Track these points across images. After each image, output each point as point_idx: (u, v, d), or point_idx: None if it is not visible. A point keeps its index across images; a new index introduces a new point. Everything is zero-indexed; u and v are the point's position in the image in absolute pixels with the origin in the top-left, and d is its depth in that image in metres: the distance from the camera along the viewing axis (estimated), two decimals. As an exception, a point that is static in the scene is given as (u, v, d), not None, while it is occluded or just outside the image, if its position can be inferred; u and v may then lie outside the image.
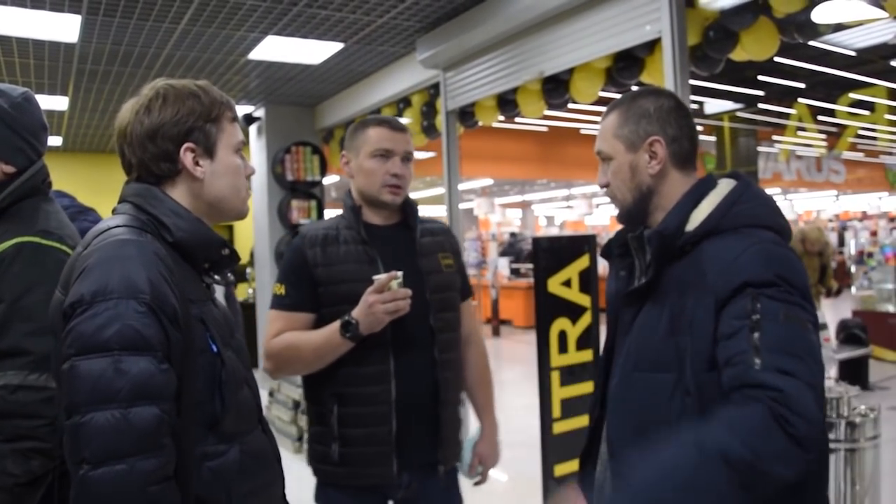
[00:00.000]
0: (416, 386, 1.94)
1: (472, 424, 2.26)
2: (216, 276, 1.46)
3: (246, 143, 1.62)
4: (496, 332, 12.13)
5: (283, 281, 2.00)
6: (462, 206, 5.62)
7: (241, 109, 7.28)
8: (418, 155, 7.74)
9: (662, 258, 1.42)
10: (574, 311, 3.43)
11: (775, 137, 11.71)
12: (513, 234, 18.57)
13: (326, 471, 1.98)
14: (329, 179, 10.45)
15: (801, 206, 25.85)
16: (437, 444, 1.98)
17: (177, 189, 1.38)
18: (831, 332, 5.89)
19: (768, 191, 1.47)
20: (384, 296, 1.81)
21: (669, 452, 1.23)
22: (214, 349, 1.32)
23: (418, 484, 1.99)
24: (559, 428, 3.38)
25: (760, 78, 7.62)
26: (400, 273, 1.85)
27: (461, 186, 5.26)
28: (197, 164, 1.37)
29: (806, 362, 1.21)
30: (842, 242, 17.88)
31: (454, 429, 2.05)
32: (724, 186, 1.48)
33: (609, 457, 1.49)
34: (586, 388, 3.42)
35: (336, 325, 1.86)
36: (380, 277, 1.84)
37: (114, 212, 1.39)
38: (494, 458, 2.20)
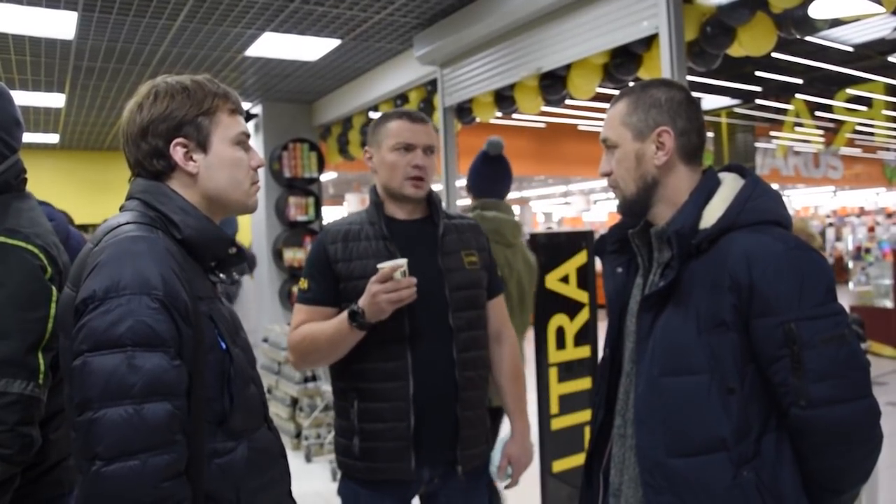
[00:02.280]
0: (435, 383, 1.93)
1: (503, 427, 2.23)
2: (222, 275, 1.46)
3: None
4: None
5: (306, 275, 2.02)
6: (460, 202, 5.61)
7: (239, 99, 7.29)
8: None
9: (684, 258, 1.41)
10: (572, 308, 3.43)
11: (773, 133, 11.73)
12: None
13: (348, 464, 1.99)
14: (326, 176, 10.43)
15: (799, 201, 25.85)
16: (455, 444, 1.96)
17: (175, 185, 1.38)
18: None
19: (766, 186, 1.48)
20: (387, 286, 1.80)
21: None
22: (223, 346, 1.32)
23: (440, 481, 1.98)
24: (557, 424, 3.38)
25: (758, 74, 7.62)
26: (404, 261, 1.83)
27: (459, 183, 5.25)
28: (190, 159, 1.37)
29: (848, 376, 1.31)
30: (839, 238, 17.89)
31: (474, 429, 2.01)
32: (733, 182, 1.48)
33: (640, 469, 1.46)
34: (584, 384, 3.42)
35: (345, 314, 1.87)
36: (383, 266, 1.82)
37: (121, 209, 1.38)
38: (525, 460, 2.16)
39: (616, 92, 1.58)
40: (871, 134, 12.33)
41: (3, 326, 1.49)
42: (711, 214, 1.42)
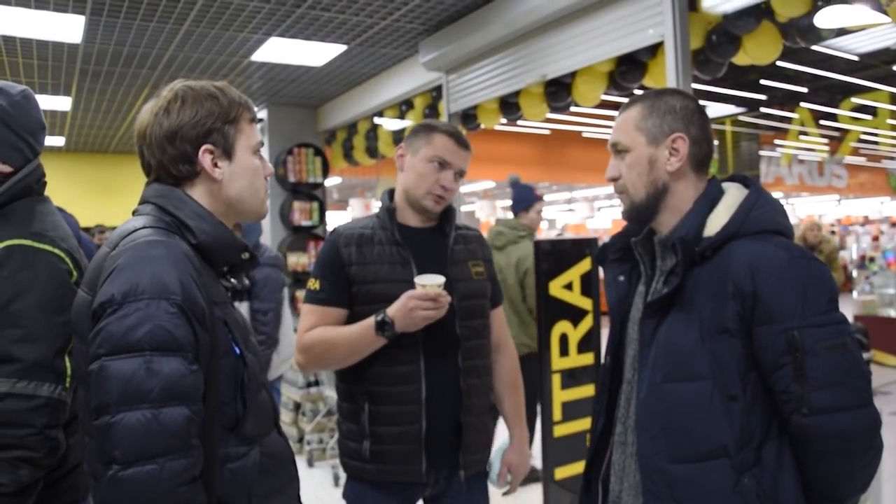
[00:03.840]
0: (443, 389, 1.96)
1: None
2: (233, 280, 1.47)
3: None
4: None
5: (318, 276, 2.01)
6: (464, 208, 5.62)
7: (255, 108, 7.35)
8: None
9: (687, 265, 1.41)
10: (575, 315, 3.42)
11: (777, 141, 11.70)
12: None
13: (356, 466, 2.00)
14: (331, 181, 10.45)
15: (803, 210, 25.81)
16: (458, 449, 1.99)
17: (196, 190, 1.38)
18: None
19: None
20: (426, 303, 1.83)
21: None
22: (237, 351, 1.32)
23: (444, 482, 2.01)
24: (559, 431, 3.37)
25: (763, 82, 7.62)
26: (442, 279, 1.87)
27: (463, 189, 5.27)
28: (216, 165, 1.37)
29: (850, 385, 1.32)
30: (843, 247, 17.86)
31: (477, 435, 2.04)
32: (736, 191, 1.48)
33: (641, 475, 1.46)
34: (587, 391, 3.42)
35: (370, 322, 1.88)
36: (424, 283, 1.84)
37: (135, 213, 1.39)
38: (524, 467, 2.19)
39: (621, 99, 1.58)
40: (876, 143, 12.30)
41: (32, 330, 1.50)
42: (715, 223, 1.43)
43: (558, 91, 4.46)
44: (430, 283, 1.85)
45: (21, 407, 1.46)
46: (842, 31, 3.68)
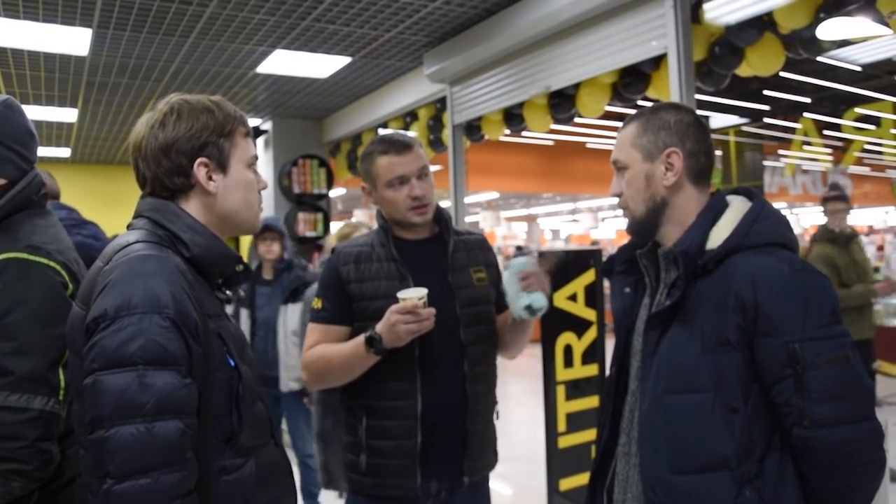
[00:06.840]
0: (444, 400, 1.96)
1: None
2: (228, 292, 1.48)
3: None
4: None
5: (320, 295, 2.05)
6: (468, 219, 5.63)
7: (249, 122, 7.37)
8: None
9: (690, 277, 1.42)
10: (580, 326, 3.43)
11: (781, 152, 11.71)
12: (518, 248, 18.50)
13: (355, 479, 2.02)
14: (335, 192, 10.48)
15: (807, 220, 25.78)
16: (463, 456, 1.99)
17: (190, 203, 1.39)
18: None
19: (774, 205, 1.50)
20: (406, 317, 1.83)
21: None
22: (232, 364, 1.33)
23: (446, 494, 2.01)
24: (564, 442, 3.37)
25: (766, 93, 7.63)
26: (424, 291, 1.86)
27: (467, 200, 5.28)
28: (210, 178, 1.39)
29: (852, 398, 1.32)
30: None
31: (482, 442, 2.05)
32: (740, 204, 1.49)
33: (643, 486, 1.46)
34: (592, 402, 3.42)
35: (361, 338, 1.90)
36: (404, 297, 1.85)
37: (129, 227, 1.40)
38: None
39: (625, 110, 1.60)
40: (880, 153, 12.30)
41: (26, 342, 1.50)
42: (718, 235, 1.44)
43: (562, 102, 4.48)
44: (411, 296, 1.84)
45: (13, 419, 1.46)
46: (844, 43, 3.69)
